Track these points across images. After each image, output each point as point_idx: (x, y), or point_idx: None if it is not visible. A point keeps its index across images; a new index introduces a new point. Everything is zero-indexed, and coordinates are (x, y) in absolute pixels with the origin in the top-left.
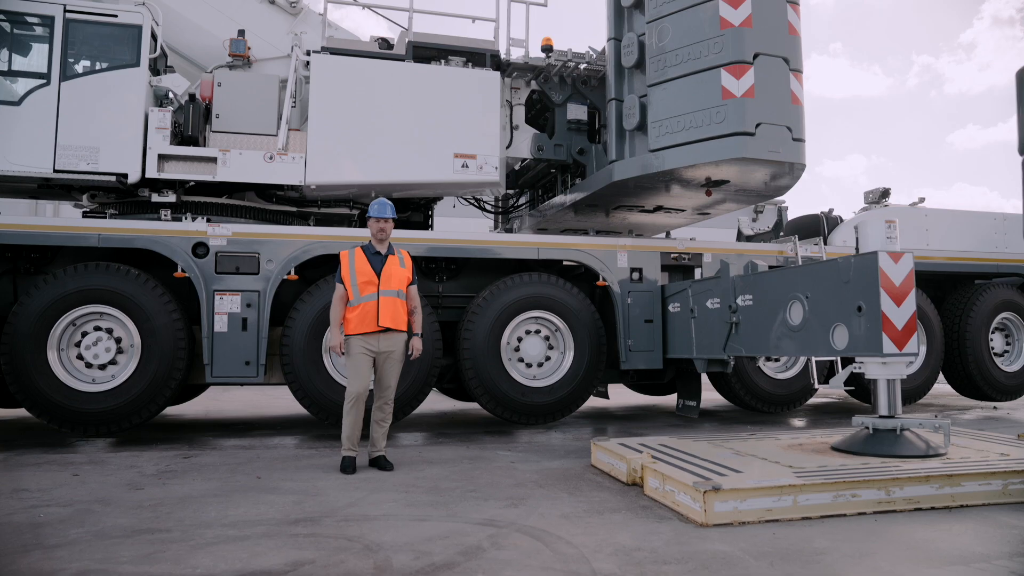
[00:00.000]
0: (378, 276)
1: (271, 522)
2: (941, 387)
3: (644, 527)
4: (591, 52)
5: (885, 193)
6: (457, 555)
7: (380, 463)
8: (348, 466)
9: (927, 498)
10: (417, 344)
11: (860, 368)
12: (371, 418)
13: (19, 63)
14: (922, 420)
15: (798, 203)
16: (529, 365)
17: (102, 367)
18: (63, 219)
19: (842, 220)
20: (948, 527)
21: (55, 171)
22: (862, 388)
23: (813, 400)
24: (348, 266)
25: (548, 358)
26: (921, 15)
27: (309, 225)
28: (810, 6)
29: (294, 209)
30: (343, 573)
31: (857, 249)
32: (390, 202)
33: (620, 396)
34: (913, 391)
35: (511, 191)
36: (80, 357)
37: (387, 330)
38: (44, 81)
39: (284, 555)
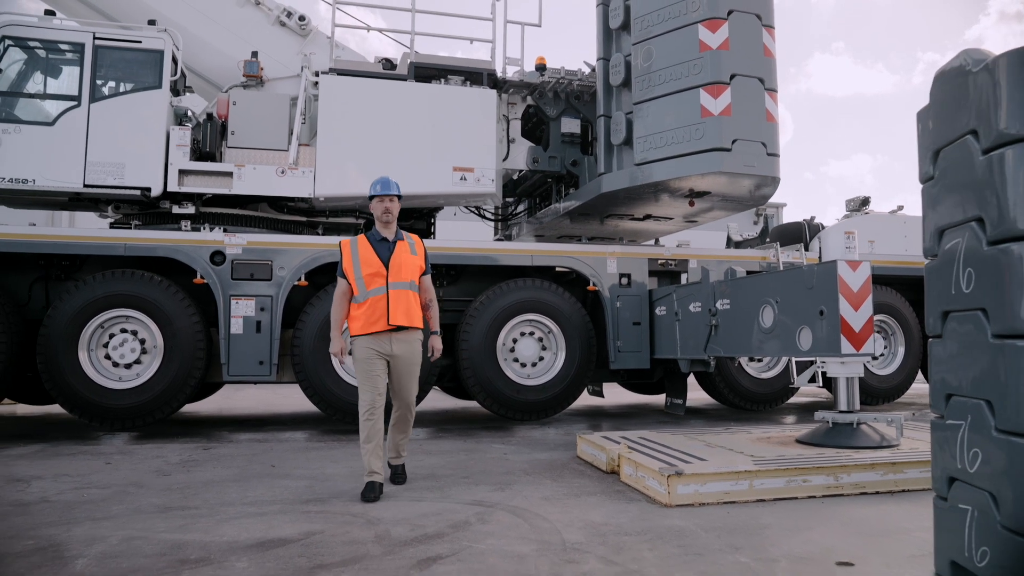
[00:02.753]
0: (386, 266)
1: (285, 502)
2: (923, 387)
3: (615, 507)
4: (583, 69)
5: (865, 201)
6: (447, 527)
7: (395, 473)
8: (371, 491)
9: (872, 483)
10: (437, 344)
11: (823, 367)
12: (390, 425)
13: (52, 86)
14: (877, 415)
15: (801, 204)
16: (524, 365)
17: (128, 366)
18: (92, 229)
19: (823, 227)
20: (886, 508)
21: (85, 186)
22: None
23: (801, 399)
24: (351, 257)
25: (541, 358)
26: (924, 12)
27: (318, 234)
28: (810, 4)
29: (304, 219)
30: (349, 540)
31: (820, 258)
32: (395, 180)
33: (615, 395)
34: (892, 390)
35: (510, 199)
36: (108, 357)
37: (400, 328)
38: (75, 103)
39: (298, 527)
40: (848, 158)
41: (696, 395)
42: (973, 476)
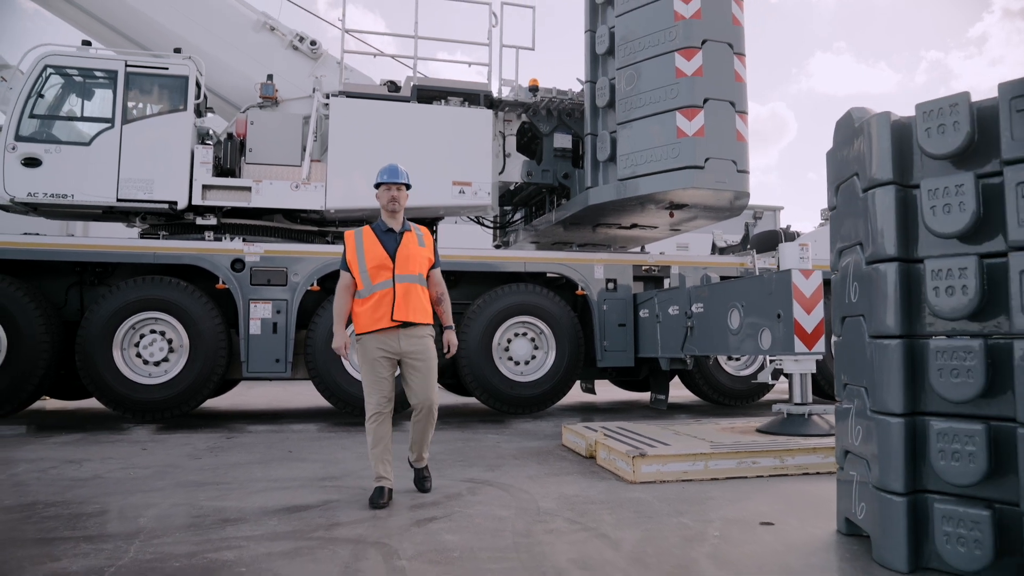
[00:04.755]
0: (393, 258)
1: (304, 479)
2: None
3: (587, 483)
4: (574, 89)
5: None
6: (442, 498)
7: (418, 478)
8: (380, 496)
9: (814, 465)
10: (452, 338)
11: (780, 364)
12: (411, 426)
13: (88, 110)
14: (827, 407)
15: (805, 204)
16: (517, 363)
17: (157, 364)
18: (124, 239)
19: (799, 235)
20: (821, 485)
21: (118, 200)
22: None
23: (784, 395)
24: (355, 249)
25: (533, 357)
26: (926, 10)
27: (327, 242)
28: (810, 4)
29: (315, 229)
30: (360, 507)
31: (778, 267)
32: (403, 168)
33: (607, 393)
34: None
35: (507, 207)
36: (139, 355)
37: (407, 325)
38: (109, 125)
39: (317, 497)
40: None
41: (682, 392)
42: (858, 448)
